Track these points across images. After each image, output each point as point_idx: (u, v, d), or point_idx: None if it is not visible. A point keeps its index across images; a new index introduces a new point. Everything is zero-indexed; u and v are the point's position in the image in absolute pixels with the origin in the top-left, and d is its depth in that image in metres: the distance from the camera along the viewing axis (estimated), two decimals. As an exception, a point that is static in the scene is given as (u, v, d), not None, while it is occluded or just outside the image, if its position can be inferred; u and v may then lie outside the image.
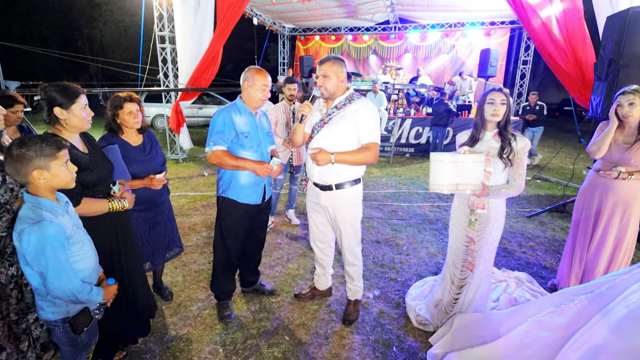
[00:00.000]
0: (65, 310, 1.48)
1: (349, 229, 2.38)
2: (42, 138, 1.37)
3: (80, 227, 1.57)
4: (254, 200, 2.40)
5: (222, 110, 2.28)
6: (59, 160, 1.38)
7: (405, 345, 2.30)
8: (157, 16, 7.19)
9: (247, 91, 2.27)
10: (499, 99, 2.09)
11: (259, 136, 2.36)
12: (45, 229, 1.31)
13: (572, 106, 8.48)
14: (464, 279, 2.34)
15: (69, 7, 18.84)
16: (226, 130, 2.24)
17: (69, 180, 1.44)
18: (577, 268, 2.67)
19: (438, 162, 2.06)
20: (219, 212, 2.42)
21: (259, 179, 2.37)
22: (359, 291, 2.58)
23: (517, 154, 2.09)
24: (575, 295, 1.88)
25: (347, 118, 2.20)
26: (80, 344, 1.58)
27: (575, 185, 5.95)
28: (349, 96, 2.26)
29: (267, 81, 2.28)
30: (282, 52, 13.38)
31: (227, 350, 2.22)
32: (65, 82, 1.70)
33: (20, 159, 1.31)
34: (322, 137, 2.25)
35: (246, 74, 2.28)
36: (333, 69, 2.18)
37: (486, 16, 10.63)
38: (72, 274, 1.39)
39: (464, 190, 2.09)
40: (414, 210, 4.85)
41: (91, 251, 1.58)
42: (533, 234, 4.10)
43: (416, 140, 8.55)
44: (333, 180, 2.27)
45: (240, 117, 2.28)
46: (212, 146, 2.23)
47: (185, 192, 5.48)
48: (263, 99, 2.29)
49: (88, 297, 1.45)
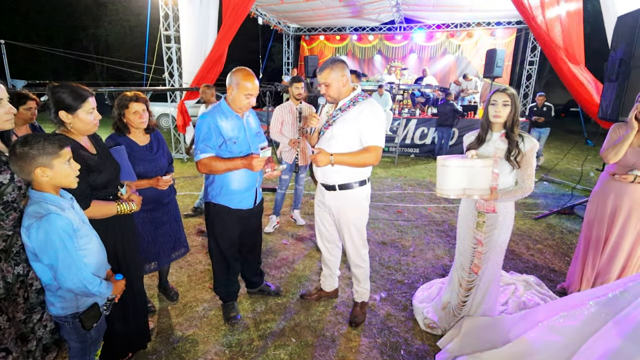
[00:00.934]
0: (75, 305, 1.49)
1: (353, 230, 2.34)
2: (45, 136, 1.38)
3: (87, 222, 1.57)
4: (246, 205, 2.33)
5: (205, 115, 2.14)
6: (61, 158, 1.40)
7: (413, 349, 2.27)
8: (163, 15, 7.20)
9: (232, 95, 2.14)
10: (501, 100, 2.06)
11: (248, 139, 2.25)
12: (53, 222, 1.33)
13: (578, 107, 8.40)
14: (472, 281, 2.32)
15: (75, 7, 18.94)
16: (213, 136, 2.11)
17: (71, 178, 1.45)
18: (590, 272, 2.63)
19: (445, 168, 2.03)
20: (209, 219, 2.33)
21: (251, 183, 2.30)
22: (365, 293, 2.55)
23: (525, 155, 2.05)
24: (587, 300, 1.85)
25: (349, 120, 2.16)
26: (89, 340, 1.59)
27: (583, 187, 5.89)
28: (353, 98, 2.21)
29: (253, 88, 2.11)
30: (286, 52, 13.38)
31: (233, 352, 2.21)
32: (73, 84, 1.66)
33: (23, 156, 1.33)
34: (326, 139, 2.24)
35: (232, 77, 2.12)
36: (332, 76, 2.14)
37: (492, 16, 10.57)
38: (82, 265, 1.41)
39: (472, 195, 2.06)
40: (419, 211, 4.82)
41: (98, 246, 1.59)
42: (541, 236, 4.06)
43: (421, 141, 8.51)
44: (336, 180, 2.24)
45: (227, 121, 2.15)
46: (199, 155, 2.11)
47: (190, 191, 5.48)
48: (247, 105, 2.16)
49: (98, 289, 1.46)
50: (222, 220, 2.30)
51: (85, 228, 1.52)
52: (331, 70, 2.13)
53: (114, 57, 16.36)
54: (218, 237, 2.34)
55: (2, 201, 1.48)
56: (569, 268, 2.96)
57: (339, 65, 2.15)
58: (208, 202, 2.31)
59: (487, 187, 2.04)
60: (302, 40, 13.56)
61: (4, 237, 1.52)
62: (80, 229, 1.47)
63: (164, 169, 2.35)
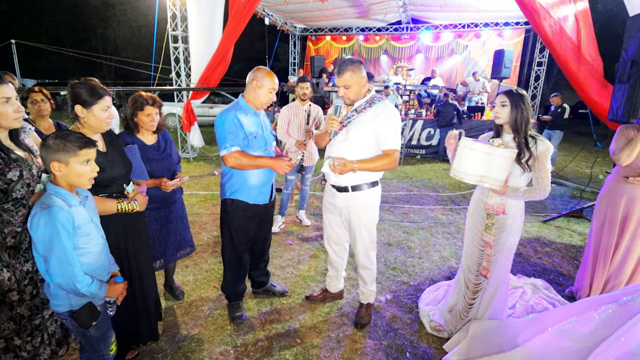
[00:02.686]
0: (68, 303, 1.50)
1: (364, 231, 2.33)
2: (75, 135, 1.44)
3: (95, 222, 1.58)
4: (262, 200, 2.37)
5: (227, 111, 2.18)
6: (79, 157, 1.43)
7: (419, 352, 2.25)
8: (171, 16, 7.24)
9: (254, 91, 2.20)
10: (499, 101, 2.06)
11: (265, 136, 2.31)
12: (54, 214, 1.37)
13: (587, 109, 8.27)
14: (479, 284, 2.29)
15: (84, 8, 19.16)
16: (238, 130, 2.16)
17: (84, 179, 1.47)
18: (600, 276, 2.59)
19: (469, 150, 1.96)
20: (226, 215, 2.34)
21: (268, 178, 2.33)
22: (371, 295, 2.53)
23: (538, 157, 2.00)
24: (599, 305, 1.81)
25: (365, 123, 2.15)
26: (91, 337, 1.59)
27: (592, 190, 5.81)
28: (369, 99, 2.20)
29: (275, 85, 2.22)
30: (292, 52, 13.39)
31: (238, 352, 2.21)
32: (93, 81, 1.73)
33: (45, 147, 1.41)
34: (340, 140, 2.21)
35: (255, 73, 2.20)
36: (354, 78, 2.11)
37: (500, 17, 10.47)
38: (75, 262, 1.42)
39: (486, 183, 1.98)
40: (425, 213, 4.78)
41: (101, 249, 1.58)
42: (549, 239, 4.01)
43: (427, 142, 8.46)
44: (350, 181, 2.23)
45: (247, 117, 2.21)
46: (229, 148, 2.12)
47: (196, 191, 5.50)
48: (268, 102, 2.24)
49: (88, 289, 1.45)
50: (239, 216, 2.32)
51: (90, 227, 1.52)
52: (353, 73, 2.10)
53: (121, 57, 16.52)
54: (234, 232, 2.35)
55: (11, 198, 1.50)
56: (578, 272, 2.92)
57: (359, 67, 2.12)
58: (225, 198, 2.33)
59: (502, 179, 1.98)
60: (308, 41, 13.56)
61: (13, 233, 1.54)
62: (83, 227, 1.47)
63: (171, 169, 2.35)
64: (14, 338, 1.59)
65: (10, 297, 1.55)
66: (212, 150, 8.69)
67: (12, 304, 1.57)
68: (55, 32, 19.68)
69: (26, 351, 1.63)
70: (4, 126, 1.51)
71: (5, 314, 1.56)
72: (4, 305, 1.54)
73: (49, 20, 19.49)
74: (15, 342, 1.60)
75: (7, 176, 1.48)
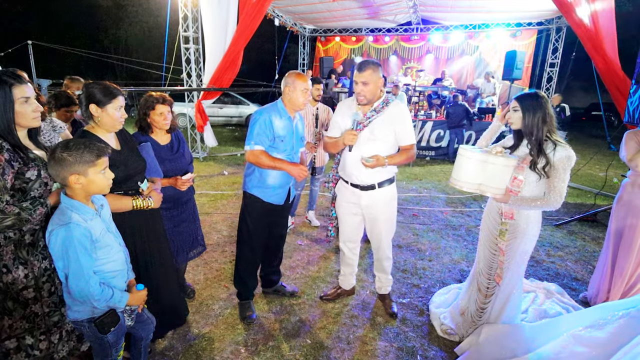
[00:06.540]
0: (91, 310, 1.50)
1: (389, 225, 2.49)
2: (85, 144, 1.41)
3: (112, 230, 1.59)
4: (277, 201, 2.44)
5: (262, 111, 2.31)
6: (97, 167, 1.43)
7: (429, 355, 2.23)
8: (182, 17, 7.32)
9: (288, 95, 2.31)
10: (512, 106, 2.05)
11: (293, 141, 2.41)
12: (71, 232, 1.36)
13: (601, 111, 8.12)
14: (492, 288, 2.26)
15: (97, 9, 19.46)
16: (267, 131, 2.29)
17: (104, 187, 1.49)
18: (620, 282, 2.52)
19: (465, 159, 1.99)
20: (245, 206, 2.46)
21: (286, 181, 2.41)
22: (391, 282, 2.71)
23: (554, 165, 1.90)
24: (615, 310, 1.78)
25: (387, 122, 2.27)
26: (107, 343, 1.59)
27: (606, 194, 5.70)
28: (385, 99, 2.32)
29: (308, 84, 2.32)
30: (302, 53, 13.41)
31: (249, 351, 2.21)
32: (107, 82, 1.76)
33: (60, 162, 1.37)
34: (365, 139, 2.28)
35: (287, 79, 2.32)
36: (374, 77, 2.20)
37: (512, 17, 10.35)
38: (91, 280, 1.41)
39: (485, 191, 1.99)
40: (435, 215, 4.75)
41: (119, 254, 1.60)
42: (562, 243, 3.94)
43: (437, 144, 8.40)
44: (376, 179, 2.34)
45: (280, 120, 2.33)
46: (253, 145, 2.29)
47: (207, 190, 5.54)
48: (304, 102, 2.33)
49: (107, 303, 1.46)
50: (256, 209, 2.44)
51: (109, 238, 1.54)
52: (373, 72, 2.19)
53: (133, 58, 16.72)
54: (250, 223, 2.45)
55: (29, 196, 1.52)
56: (592, 277, 2.86)
57: (379, 68, 2.23)
58: (245, 191, 2.46)
59: (503, 187, 1.97)
60: (317, 42, 13.58)
61: (31, 231, 1.56)
62: (101, 240, 1.48)
63: (185, 168, 2.38)
64: (26, 337, 1.59)
65: (25, 295, 1.56)
66: (222, 150, 8.75)
67: (26, 302, 1.57)
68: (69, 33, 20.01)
69: (39, 349, 1.62)
70: (23, 125, 1.53)
71: (19, 312, 1.56)
72: (17, 304, 1.55)
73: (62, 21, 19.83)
74: (27, 341, 1.61)
75: (26, 175, 1.50)
